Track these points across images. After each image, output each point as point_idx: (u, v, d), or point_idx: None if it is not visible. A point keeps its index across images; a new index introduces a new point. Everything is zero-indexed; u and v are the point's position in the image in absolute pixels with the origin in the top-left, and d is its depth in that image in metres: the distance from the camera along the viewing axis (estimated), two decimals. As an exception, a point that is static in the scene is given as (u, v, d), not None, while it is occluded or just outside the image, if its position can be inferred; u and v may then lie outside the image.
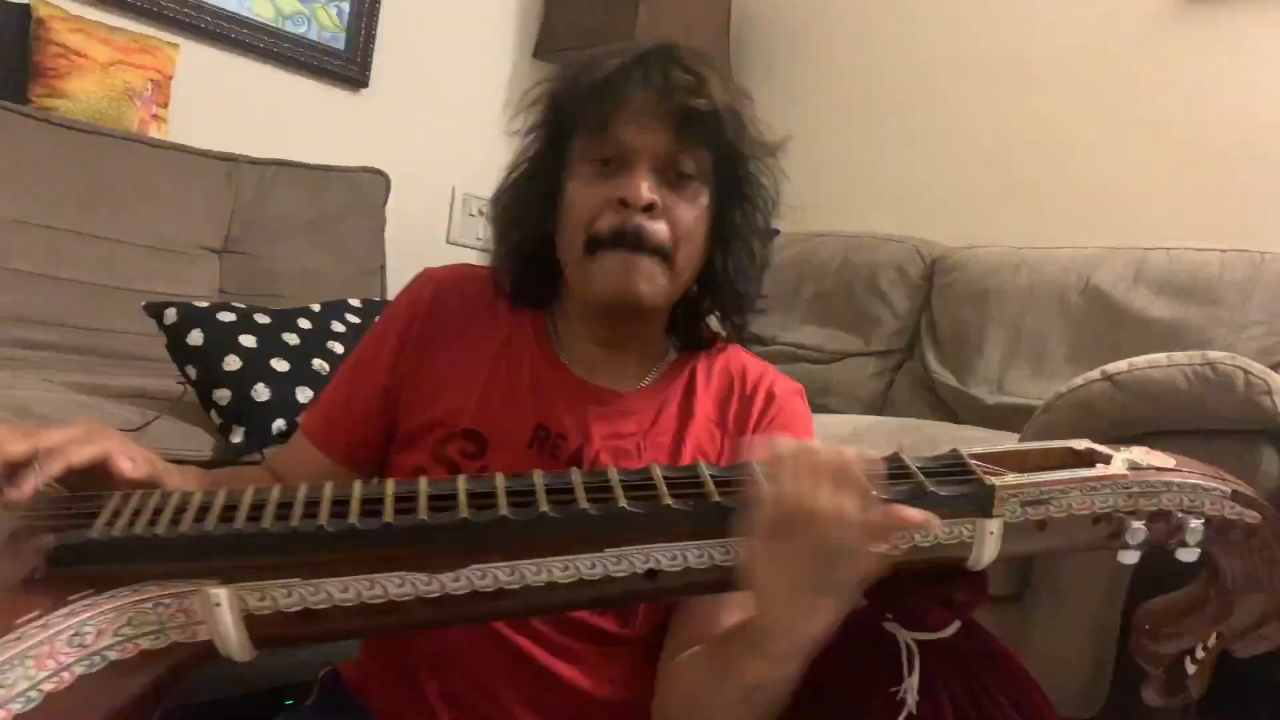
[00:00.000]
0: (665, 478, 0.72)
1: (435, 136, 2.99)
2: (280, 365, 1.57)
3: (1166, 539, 0.75)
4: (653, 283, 0.88)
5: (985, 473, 0.74)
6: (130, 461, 0.74)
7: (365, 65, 2.77)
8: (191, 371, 1.55)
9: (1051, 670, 1.34)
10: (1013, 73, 2.63)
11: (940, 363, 2.27)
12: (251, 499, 0.70)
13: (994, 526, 0.72)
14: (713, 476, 0.72)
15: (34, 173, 1.95)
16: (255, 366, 1.54)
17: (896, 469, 0.74)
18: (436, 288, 1.00)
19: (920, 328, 2.39)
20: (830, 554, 0.64)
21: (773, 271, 2.82)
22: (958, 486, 0.73)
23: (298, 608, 0.67)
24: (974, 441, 1.66)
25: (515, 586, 0.69)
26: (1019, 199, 2.57)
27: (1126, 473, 0.75)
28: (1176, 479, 0.76)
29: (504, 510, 0.68)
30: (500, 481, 0.71)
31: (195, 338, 1.53)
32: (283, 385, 1.57)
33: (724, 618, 0.84)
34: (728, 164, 0.91)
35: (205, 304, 1.62)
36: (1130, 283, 2.04)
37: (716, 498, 0.70)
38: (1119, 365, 1.32)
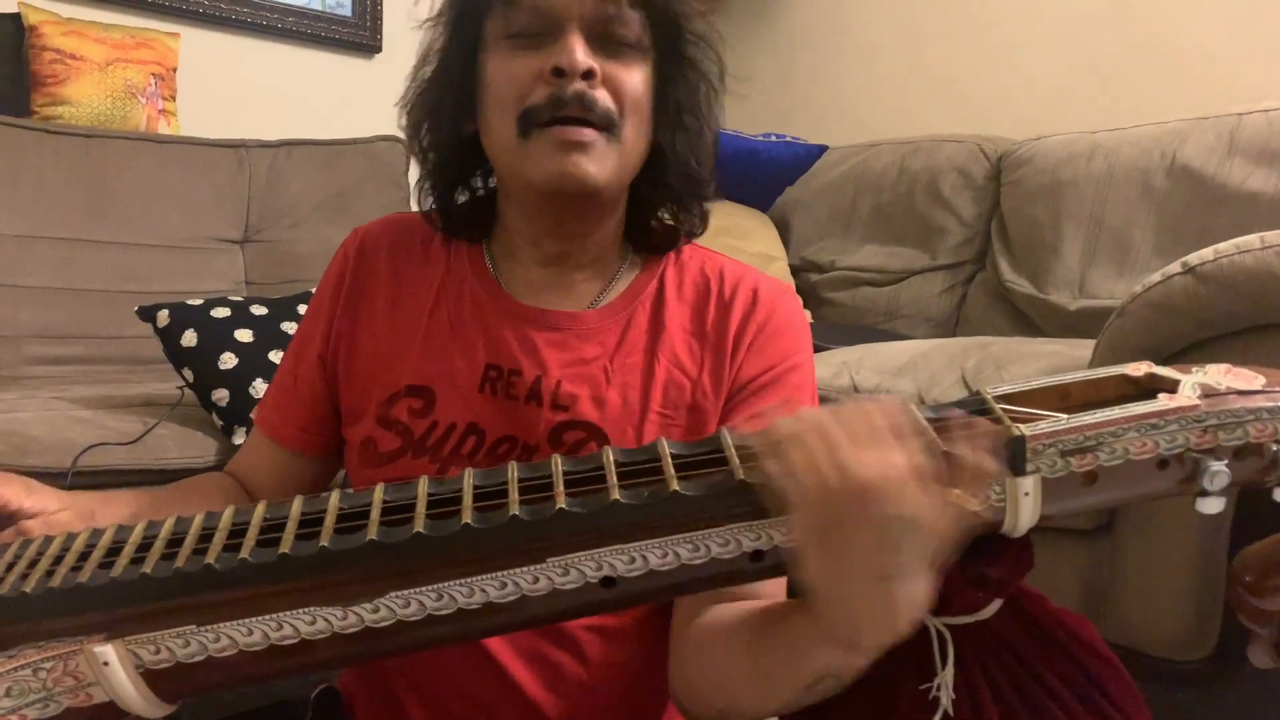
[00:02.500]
0: (618, 463, 0.61)
1: (459, 94, 2.87)
2: (279, 358, 1.48)
3: (1260, 478, 0.61)
4: (602, 160, 0.78)
5: (1015, 418, 0.60)
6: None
7: (376, 30, 2.67)
8: (188, 374, 1.49)
9: (1150, 610, 1.18)
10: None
11: (1014, 270, 2.06)
12: (139, 536, 0.61)
13: (1028, 485, 0.59)
14: (674, 456, 0.60)
15: (38, 185, 1.91)
16: (252, 362, 1.47)
17: (901, 424, 0.61)
18: (361, 242, 0.91)
19: (990, 234, 2.18)
20: (899, 532, 0.50)
21: (825, 190, 2.62)
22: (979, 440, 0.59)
23: (200, 657, 0.58)
24: (1046, 357, 1.49)
25: (446, 612, 0.59)
26: (1090, 77, 2.31)
27: (1198, 402, 0.60)
28: (1267, 403, 0.60)
29: (419, 526, 0.58)
30: (423, 488, 0.61)
31: (189, 338, 1.47)
32: (284, 378, 1.48)
33: None
34: (667, 28, 0.82)
35: (199, 301, 1.55)
36: (1223, 155, 1.79)
37: (675, 485, 0.58)
38: (1203, 254, 1.13)
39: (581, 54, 0.76)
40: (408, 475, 0.77)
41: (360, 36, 2.64)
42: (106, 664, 0.57)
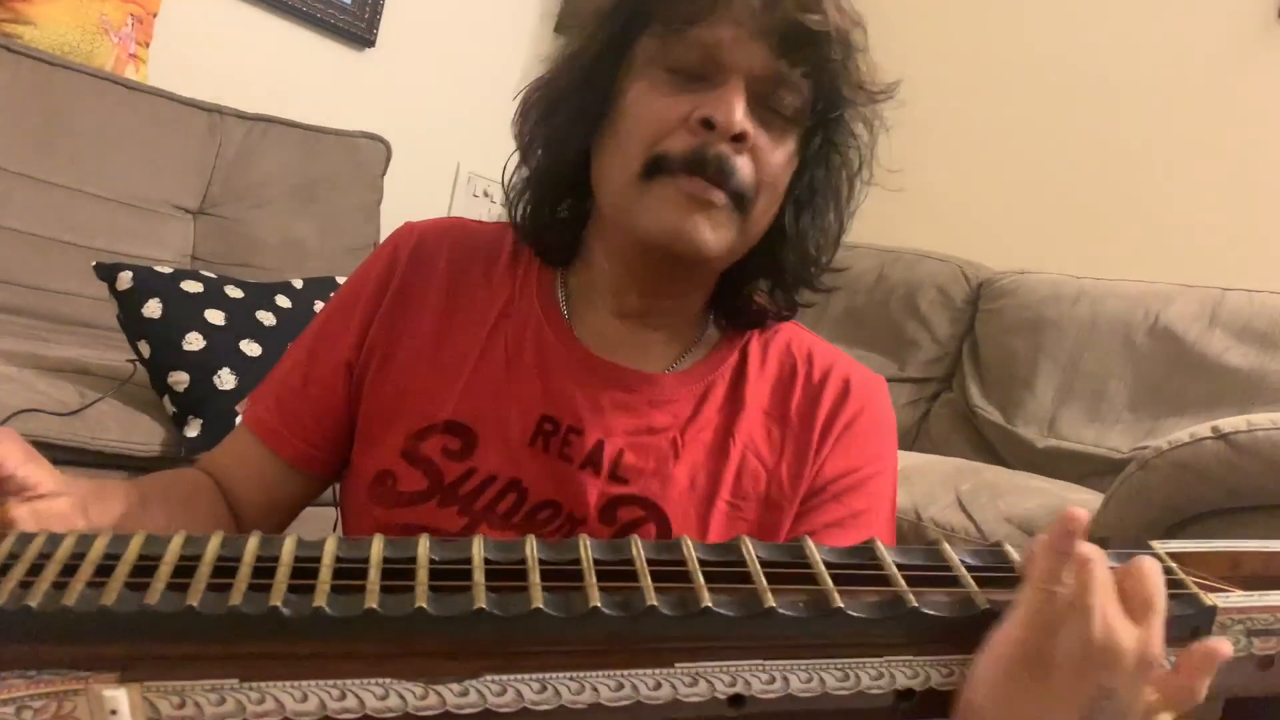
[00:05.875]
0: (761, 560, 0.53)
1: (443, 107, 2.77)
2: (251, 349, 1.34)
3: None
4: (719, 231, 0.70)
5: (1201, 585, 0.55)
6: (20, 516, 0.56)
7: (373, 23, 2.56)
8: (144, 348, 1.32)
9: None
10: (1080, 89, 2.42)
11: (984, 397, 2.07)
12: (176, 553, 0.49)
13: (1208, 661, 0.53)
14: (828, 564, 0.53)
15: (-17, 105, 1.70)
16: (221, 348, 1.31)
17: (1073, 569, 0.55)
18: (419, 241, 0.81)
19: (962, 356, 2.19)
20: (1116, 709, 0.48)
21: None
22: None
23: (234, 719, 0.46)
24: (1039, 494, 1.47)
25: (546, 708, 0.49)
26: (1078, 225, 2.37)
27: (1394, 600, 0.56)
28: None
29: (538, 601, 0.48)
30: (531, 549, 0.51)
31: (153, 309, 1.30)
32: (252, 373, 1.33)
33: None
34: (826, 105, 0.73)
35: (168, 270, 1.39)
36: (1205, 325, 1.84)
37: (837, 601, 0.50)
38: (1234, 423, 1.13)
39: (740, 113, 0.68)
40: (427, 524, 0.71)
41: (356, 27, 2.52)
42: (114, 713, 0.45)
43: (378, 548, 0.50)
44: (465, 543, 0.51)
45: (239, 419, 0.83)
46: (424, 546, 0.51)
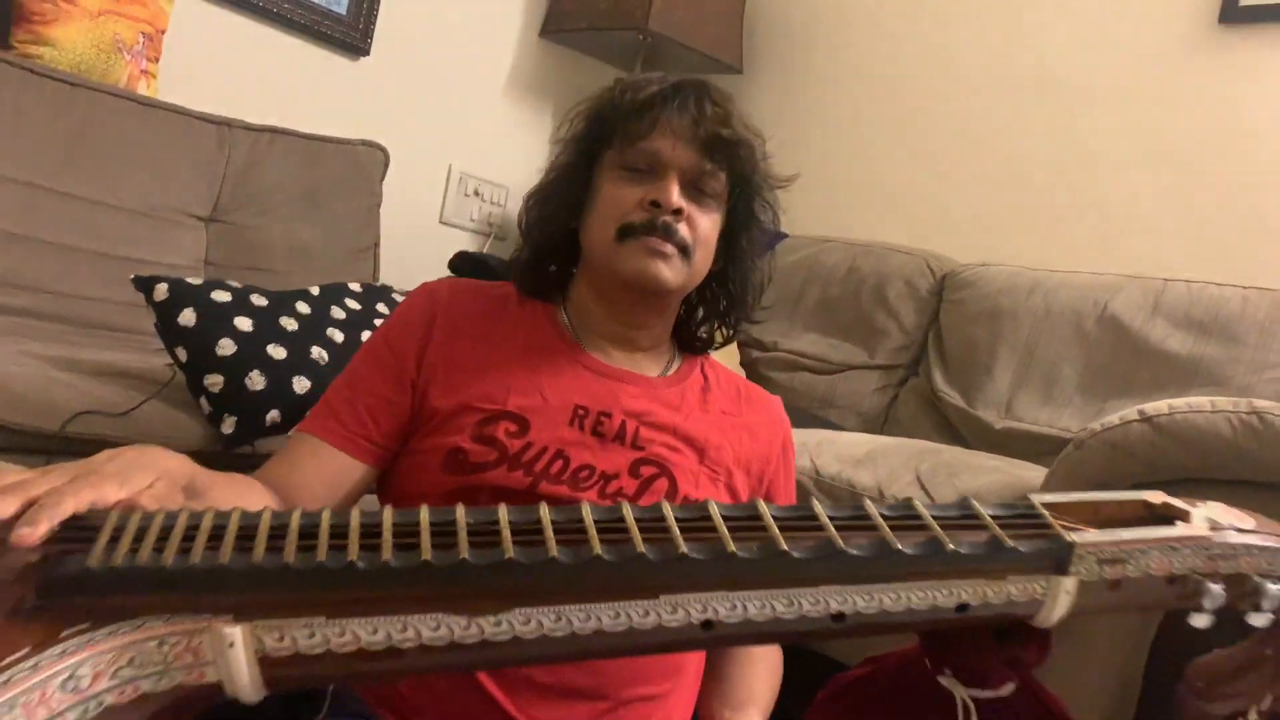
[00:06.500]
0: (725, 517, 0.67)
1: (434, 112, 2.89)
2: (277, 352, 1.48)
3: (1237, 602, 0.71)
4: (674, 270, 1.01)
5: (1064, 526, 0.69)
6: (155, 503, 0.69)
7: (367, 33, 2.67)
8: (181, 354, 1.45)
9: None
10: (1035, 89, 2.57)
11: (947, 382, 2.22)
12: (269, 524, 0.63)
13: (1069, 585, 0.68)
14: (775, 518, 0.67)
15: (12, 124, 1.83)
16: (251, 352, 1.44)
17: (967, 518, 0.69)
18: (450, 289, 1.08)
19: (927, 344, 2.34)
20: None
21: (777, 274, 2.75)
22: (1035, 541, 0.68)
23: (320, 649, 0.60)
24: (992, 472, 1.62)
25: (560, 634, 0.63)
26: (1033, 219, 2.52)
27: (1209, 533, 0.71)
28: (1257, 541, 0.72)
29: (553, 551, 0.62)
30: (545, 513, 0.65)
31: (187, 318, 1.43)
32: (279, 374, 1.47)
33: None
34: (741, 190, 1.06)
35: (198, 281, 1.52)
36: (1148, 313, 1.99)
37: (783, 545, 0.64)
38: (1158, 406, 1.27)
39: (676, 196, 0.99)
40: (498, 484, 0.96)
41: (350, 36, 2.63)
42: (232, 645, 0.58)
43: (425, 515, 0.64)
44: (491, 510, 0.65)
45: (299, 430, 1.03)
46: (460, 513, 0.65)
